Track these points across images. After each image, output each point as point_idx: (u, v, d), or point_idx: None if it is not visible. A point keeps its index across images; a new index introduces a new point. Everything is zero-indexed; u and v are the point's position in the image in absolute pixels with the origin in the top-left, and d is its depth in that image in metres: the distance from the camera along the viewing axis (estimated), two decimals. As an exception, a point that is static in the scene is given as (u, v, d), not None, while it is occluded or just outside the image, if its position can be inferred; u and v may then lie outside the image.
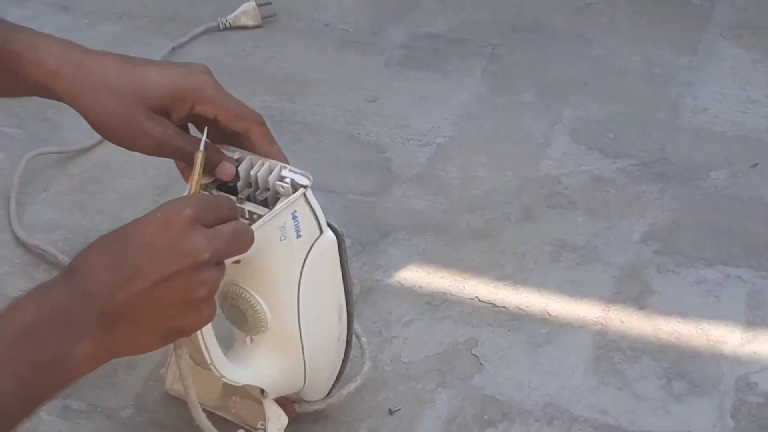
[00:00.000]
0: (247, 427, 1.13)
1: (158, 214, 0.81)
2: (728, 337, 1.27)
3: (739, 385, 1.21)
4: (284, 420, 1.10)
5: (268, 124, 1.02)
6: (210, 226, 0.82)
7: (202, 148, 0.95)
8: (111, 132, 0.96)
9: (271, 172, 0.97)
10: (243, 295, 0.99)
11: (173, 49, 1.85)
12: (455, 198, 1.52)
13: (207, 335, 0.95)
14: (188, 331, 0.84)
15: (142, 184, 1.53)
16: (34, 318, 0.77)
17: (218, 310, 0.90)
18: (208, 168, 0.97)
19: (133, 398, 1.21)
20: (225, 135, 1.00)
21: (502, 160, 1.60)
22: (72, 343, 0.77)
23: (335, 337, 1.08)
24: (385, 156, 1.61)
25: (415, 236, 1.45)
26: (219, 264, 0.83)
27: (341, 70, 1.82)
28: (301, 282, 0.99)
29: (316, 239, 0.99)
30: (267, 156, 0.99)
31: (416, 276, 1.38)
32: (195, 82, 0.97)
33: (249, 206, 0.96)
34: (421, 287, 1.36)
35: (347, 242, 1.04)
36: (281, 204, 0.95)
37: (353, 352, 1.14)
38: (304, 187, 0.96)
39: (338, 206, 1.48)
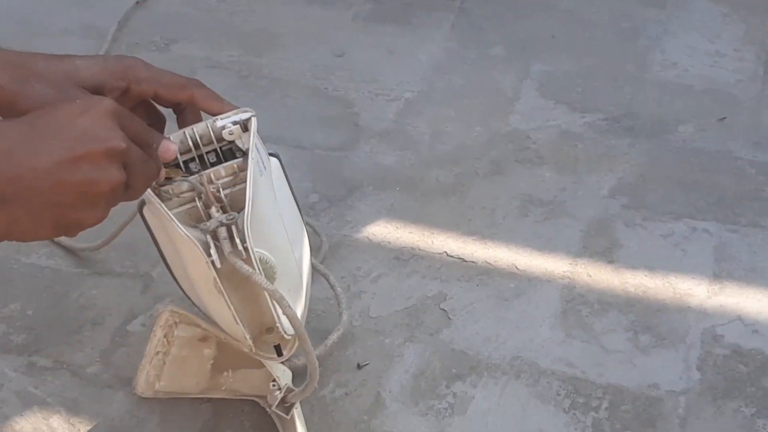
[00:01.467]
0: (246, 396, 1.13)
1: (77, 101, 0.77)
2: (695, 290, 1.27)
3: (705, 337, 1.22)
4: (289, 374, 1.09)
5: (235, 79, 1.00)
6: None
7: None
8: None
9: (207, 130, 0.94)
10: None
11: (137, 3, 1.82)
12: (424, 153, 1.51)
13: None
14: (79, 227, 0.78)
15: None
16: None
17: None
18: None
19: (99, 354, 1.21)
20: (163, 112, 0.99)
21: (471, 114, 1.59)
22: None
23: (308, 254, 1.06)
24: (353, 111, 1.60)
25: (383, 191, 1.44)
26: (128, 172, 0.77)
27: (308, 24, 1.80)
28: (280, 211, 0.98)
29: (269, 166, 0.98)
30: (221, 111, 0.96)
31: (384, 231, 1.37)
32: (126, 63, 0.95)
33: (221, 167, 0.93)
34: (390, 242, 1.36)
35: (315, 197, 1.04)
36: (251, 139, 0.92)
37: (331, 303, 1.15)
38: (253, 115, 0.94)
39: (305, 161, 1.47)
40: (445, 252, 1.34)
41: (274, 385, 1.07)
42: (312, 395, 1.14)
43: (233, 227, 0.88)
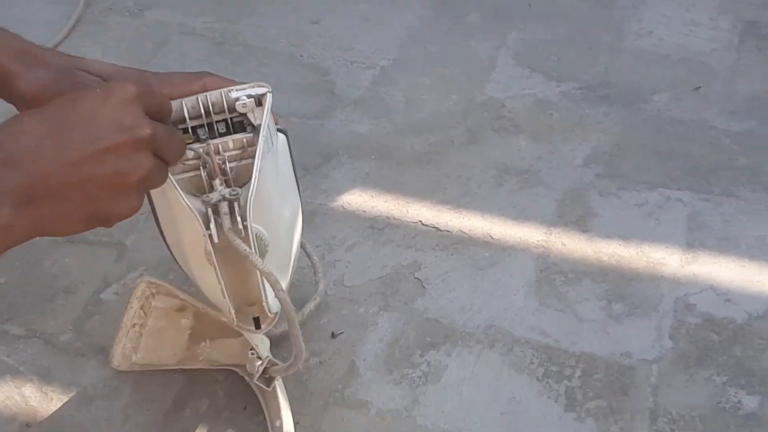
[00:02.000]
0: (223, 365, 1.13)
1: (98, 89, 0.75)
2: (668, 259, 1.28)
3: (677, 306, 1.22)
4: (267, 342, 1.09)
5: (209, 45, 0.99)
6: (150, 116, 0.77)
7: None
8: (46, 95, 0.89)
9: (221, 99, 0.93)
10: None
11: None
12: (399, 121, 1.51)
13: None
14: (112, 219, 0.76)
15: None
16: None
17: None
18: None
19: (72, 323, 1.20)
20: None
21: (447, 83, 1.58)
22: None
23: (300, 233, 1.06)
24: (329, 78, 1.59)
25: (359, 160, 1.44)
26: (158, 158, 0.77)
27: (284, -9, 1.79)
28: (279, 189, 0.97)
29: (277, 142, 0.98)
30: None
31: (359, 200, 1.37)
32: (133, 73, 0.94)
33: (230, 138, 0.91)
34: (365, 211, 1.35)
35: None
36: (265, 115, 0.91)
37: (305, 272, 1.15)
38: (269, 91, 0.92)
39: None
40: (420, 221, 1.34)
41: (252, 353, 1.07)
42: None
43: (235, 203, 0.87)
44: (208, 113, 0.92)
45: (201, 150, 0.89)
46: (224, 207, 0.87)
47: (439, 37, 1.68)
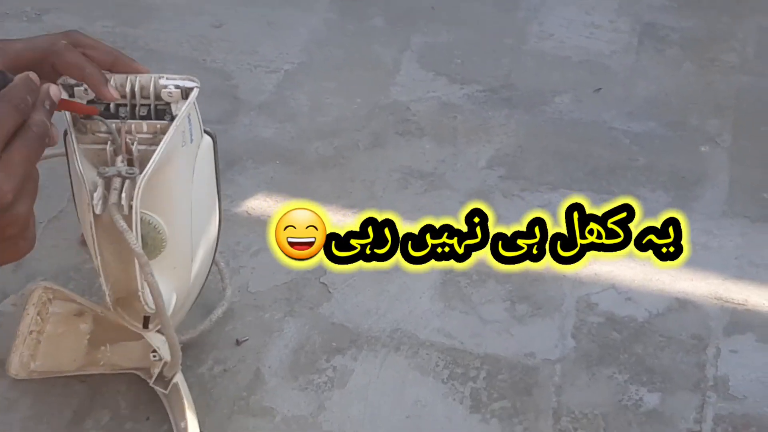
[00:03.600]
0: (125, 369, 1.11)
1: None
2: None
3: (579, 305, 1.24)
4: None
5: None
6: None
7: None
8: None
9: (149, 84, 0.92)
10: (144, 218, 0.95)
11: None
12: (304, 125, 1.50)
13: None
14: (7, 262, 0.74)
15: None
16: None
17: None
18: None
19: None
20: None
21: (352, 86, 1.58)
22: None
23: (213, 244, 1.06)
24: (232, 83, 1.58)
25: (263, 165, 1.43)
26: (24, 196, 0.72)
27: (186, -5, 1.77)
28: (192, 188, 0.96)
29: (200, 142, 0.97)
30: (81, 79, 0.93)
31: (264, 205, 1.36)
32: (53, 44, 0.90)
33: (144, 122, 0.91)
34: (270, 216, 1.34)
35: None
36: (184, 108, 0.91)
37: (211, 278, 1.13)
38: (197, 86, 0.92)
39: (183, 135, 1.45)
40: (325, 225, 1.33)
41: (155, 356, 1.05)
42: (191, 373, 1.13)
43: (128, 182, 0.87)
44: (134, 96, 0.92)
45: (111, 124, 0.89)
46: (117, 182, 0.87)
47: (344, 41, 1.68)
